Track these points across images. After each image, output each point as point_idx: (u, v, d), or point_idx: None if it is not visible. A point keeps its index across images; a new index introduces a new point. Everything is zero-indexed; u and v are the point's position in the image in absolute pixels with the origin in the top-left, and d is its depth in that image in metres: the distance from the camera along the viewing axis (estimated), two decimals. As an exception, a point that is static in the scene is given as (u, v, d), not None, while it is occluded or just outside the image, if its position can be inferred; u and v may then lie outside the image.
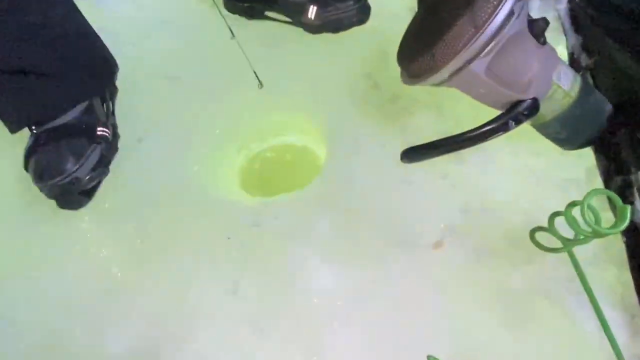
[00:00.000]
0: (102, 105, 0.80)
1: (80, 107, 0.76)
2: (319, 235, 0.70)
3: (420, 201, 0.73)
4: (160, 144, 0.82)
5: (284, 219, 0.72)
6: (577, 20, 0.89)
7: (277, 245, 0.70)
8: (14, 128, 0.74)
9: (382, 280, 0.66)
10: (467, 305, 0.62)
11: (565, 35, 0.89)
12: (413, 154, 0.69)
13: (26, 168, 0.74)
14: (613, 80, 0.74)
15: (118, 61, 0.84)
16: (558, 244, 0.60)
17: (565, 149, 0.69)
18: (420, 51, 0.62)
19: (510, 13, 0.56)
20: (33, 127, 0.74)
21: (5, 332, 0.65)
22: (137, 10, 1.02)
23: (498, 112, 0.62)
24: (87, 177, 0.73)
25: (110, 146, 0.78)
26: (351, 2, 0.93)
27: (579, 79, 0.65)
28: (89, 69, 0.79)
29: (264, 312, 0.64)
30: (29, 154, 0.74)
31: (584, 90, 0.64)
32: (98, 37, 0.80)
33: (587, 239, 0.54)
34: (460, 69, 0.58)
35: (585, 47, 0.84)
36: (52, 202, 0.74)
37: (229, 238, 0.70)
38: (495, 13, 0.55)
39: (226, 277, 0.68)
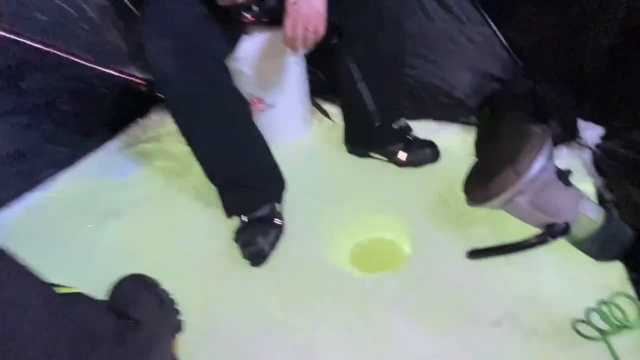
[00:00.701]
0: (277, 204, 0.89)
1: (268, 206, 0.86)
2: (406, 305, 0.72)
3: (482, 289, 0.72)
4: (302, 231, 0.88)
5: (382, 291, 0.75)
6: (599, 165, 0.89)
7: (376, 308, 0.73)
8: (228, 215, 0.87)
9: (452, 346, 0.65)
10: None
11: (591, 176, 0.88)
12: (476, 253, 0.72)
13: (235, 240, 0.84)
14: (633, 211, 0.73)
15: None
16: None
17: (597, 260, 0.68)
18: (479, 186, 0.69)
19: (543, 167, 0.63)
20: (241, 216, 0.86)
21: (196, 339, 0.68)
22: (297, 150, 1.09)
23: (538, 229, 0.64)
24: (268, 249, 0.82)
25: (281, 230, 0.87)
26: (428, 150, 1.02)
27: (602, 210, 0.66)
28: (274, 185, 0.90)
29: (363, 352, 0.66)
30: (238, 232, 0.84)
31: (607, 219, 0.65)
32: (278, 165, 0.90)
33: (616, 330, 0.51)
34: (507, 201, 0.64)
35: (608, 186, 0.83)
36: (246, 261, 0.82)
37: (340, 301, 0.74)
38: (531, 166, 0.62)
39: (342, 325, 0.70)
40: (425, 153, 1.02)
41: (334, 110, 1.21)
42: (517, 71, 1.04)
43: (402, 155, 1.02)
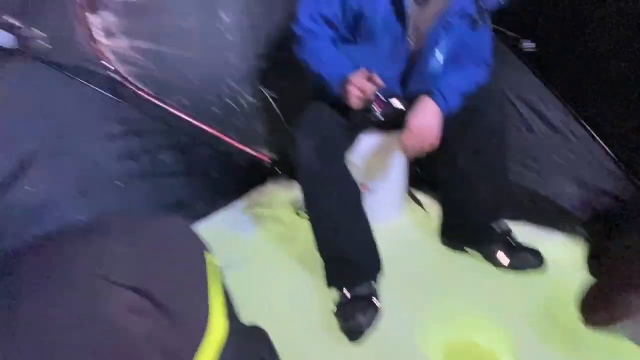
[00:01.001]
0: (374, 282, 0.92)
1: (367, 284, 0.91)
2: None
3: None
4: (397, 316, 0.89)
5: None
6: None
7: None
8: (329, 285, 0.93)
9: None
10: None
11: None
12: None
13: (336, 313, 0.89)
14: None
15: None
16: None
17: None
18: (600, 308, 0.66)
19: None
20: (343, 290, 0.91)
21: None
22: (390, 234, 1.08)
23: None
24: (366, 326, 0.86)
25: (377, 311, 0.90)
26: (531, 256, 0.99)
27: None
28: (373, 264, 0.93)
29: None
30: (339, 305, 0.90)
31: None
32: (377, 246, 0.94)
33: None
34: (635, 330, 0.61)
35: None
36: (342, 334, 0.86)
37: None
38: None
39: None
40: (528, 258, 1.00)
41: (427, 200, 1.28)
42: (633, 188, 1.00)
43: (502, 257, 1.01)
